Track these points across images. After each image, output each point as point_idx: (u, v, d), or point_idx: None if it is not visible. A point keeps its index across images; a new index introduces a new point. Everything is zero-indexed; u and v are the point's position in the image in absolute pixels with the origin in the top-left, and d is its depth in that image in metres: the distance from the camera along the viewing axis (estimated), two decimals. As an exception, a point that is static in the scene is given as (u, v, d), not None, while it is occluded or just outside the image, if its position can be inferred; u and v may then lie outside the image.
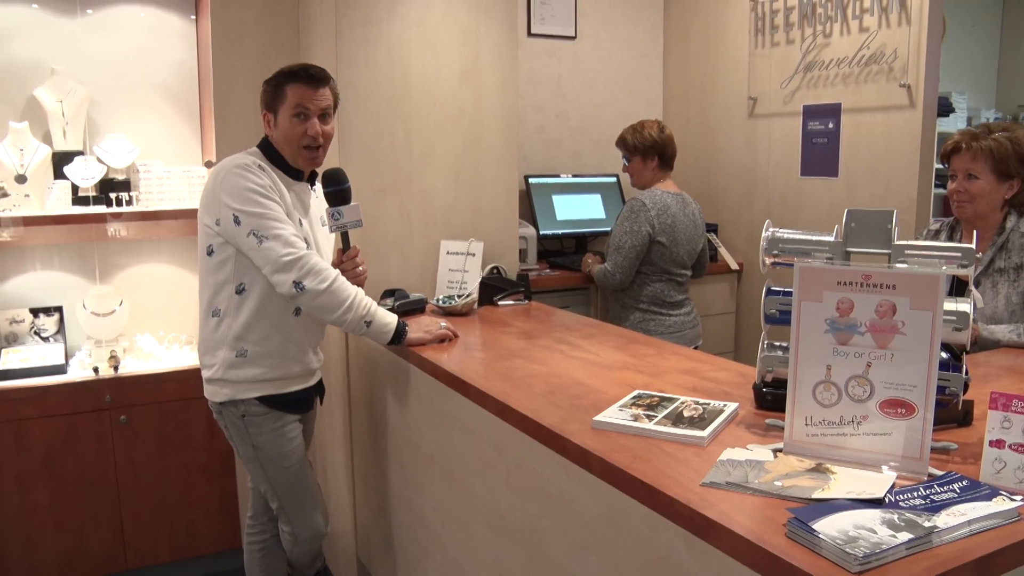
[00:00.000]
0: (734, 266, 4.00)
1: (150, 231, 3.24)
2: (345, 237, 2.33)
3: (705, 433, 1.52)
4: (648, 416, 1.63)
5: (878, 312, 1.35)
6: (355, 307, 2.15)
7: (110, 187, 3.07)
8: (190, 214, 3.16)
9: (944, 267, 1.42)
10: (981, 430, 1.53)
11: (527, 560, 1.79)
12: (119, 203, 3.04)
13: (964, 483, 1.27)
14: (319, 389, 2.43)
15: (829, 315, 1.39)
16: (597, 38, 4.26)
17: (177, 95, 3.28)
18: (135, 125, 3.21)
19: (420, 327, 2.34)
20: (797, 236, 1.56)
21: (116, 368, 3.01)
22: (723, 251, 4.03)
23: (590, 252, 3.62)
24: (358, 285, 2.26)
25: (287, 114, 2.17)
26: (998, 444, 1.29)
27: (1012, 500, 1.22)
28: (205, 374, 2.25)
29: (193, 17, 3.26)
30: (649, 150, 3.21)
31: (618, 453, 1.48)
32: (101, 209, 3.01)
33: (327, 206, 2.29)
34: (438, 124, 2.92)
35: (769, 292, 1.58)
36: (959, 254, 1.42)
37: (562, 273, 3.66)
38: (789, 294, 1.54)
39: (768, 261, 1.58)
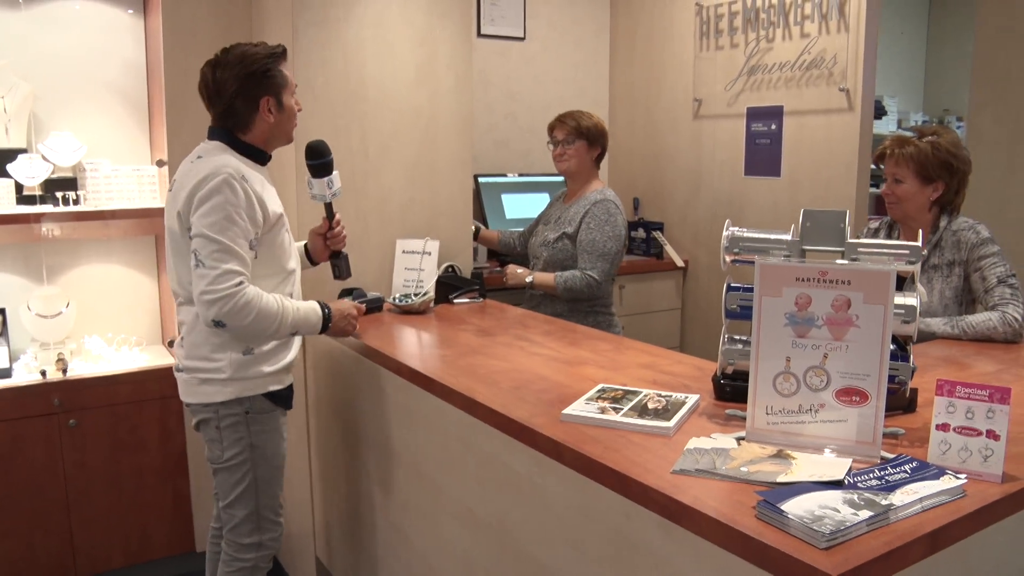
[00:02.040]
0: (680, 263, 4.11)
1: (98, 231, 3.18)
2: (329, 206, 2.41)
3: (671, 424, 1.59)
4: (614, 408, 1.69)
5: (834, 306, 1.43)
6: (279, 330, 2.13)
7: (56, 186, 3.00)
8: (140, 213, 3.12)
9: (894, 264, 1.51)
10: (925, 416, 1.64)
11: (497, 552, 1.84)
12: (66, 202, 2.97)
13: (914, 464, 1.36)
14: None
15: (788, 309, 1.47)
16: (546, 39, 4.33)
17: (124, 92, 3.22)
18: (81, 123, 3.14)
19: (342, 318, 2.34)
20: (756, 235, 1.64)
21: (65, 371, 2.95)
22: (669, 249, 4.14)
23: (512, 263, 3.32)
24: (343, 247, 2.46)
25: (289, 92, 2.19)
26: (944, 427, 1.38)
27: (957, 478, 1.31)
28: (202, 375, 2.16)
29: (131, 11, 3.19)
30: (598, 139, 3.13)
31: (589, 444, 1.53)
32: (48, 208, 2.94)
33: (311, 177, 2.34)
34: (394, 124, 2.94)
35: (730, 288, 1.66)
36: (907, 251, 1.52)
37: (513, 271, 3.71)
38: (749, 290, 1.62)
39: (728, 259, 1.66)
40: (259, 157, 2.21)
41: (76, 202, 3.01)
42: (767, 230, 1.64)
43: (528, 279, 3.12)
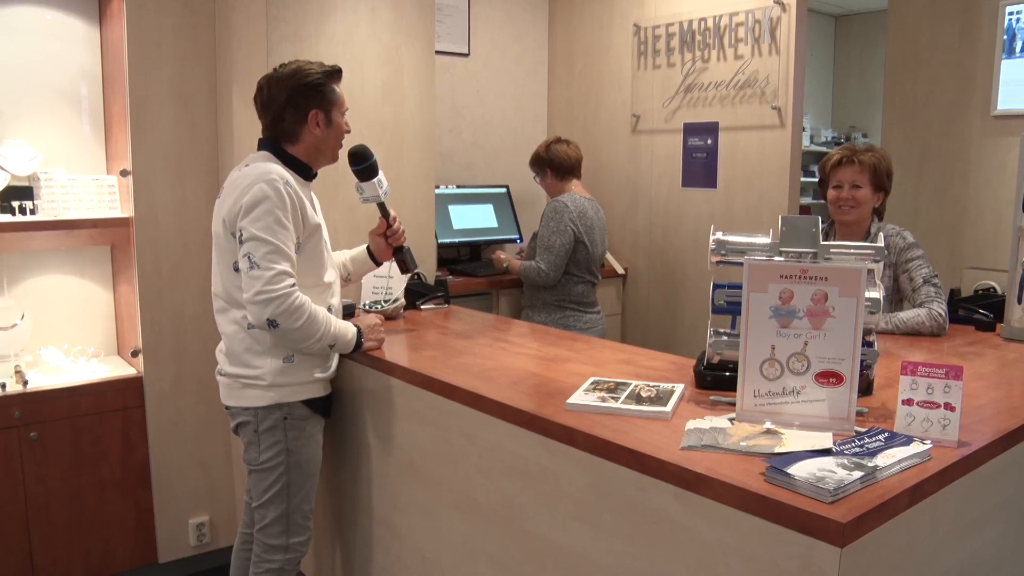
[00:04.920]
0: (620, 271, 4.33)
1: (54, 241, 3.14)
2: (383, 205, 2.53)
3: (668, 408, 1.77)
4: (613, 398, 1.85)
5: (813, 300, 1.64)
6: (324, 336, 2.22)
7: (11, 195, 2.97)
8: (97, 224, 3.10)
9: (860, 263, 1.73)
10: (881, 397, 1.88)
11: (502, 535, 1.97)
12: (22, 212, 2.94)
13: (886, 434, 1.58)
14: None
15: (773, 303, 1.67)
16: (488, 56, 4.49)
17: (80, 102, 3.20)
18: (35, 132, 3.11)
19: (371, 332, 2.42)
20: (740, 239, 1.83)
21: (25, 383, 2.92)
22: (609, 257, 4.35)
23: (499, 249, 3.91)
24: (404, 241, 2.58)
25: (339, 111, 2.29)
26: (908, 402, 1.60)
27: (923, 444, 1.53)
28: (244, 380, 2.24)
29: (86, 20, 3.19)
30: (544, 165, 3.61)
31: (598, 429, 1.69)
32: (6, 218, 2.91)
33: (359, 182, 2.45)
34: (362, 137, 3.01)
35: (716, 287, 1.85)
36: (872, 252, 1.75)
37: (465, 279, 3.84)
38: (733, 287, 1.81)
39: (714, 260, 1.85)
40: (303, 171, 2.28)
41: (32, 212, 2.98)
42: (749, 234, 1.84)
43: (505, 264, 3.73)
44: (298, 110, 2.22)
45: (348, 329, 2.33)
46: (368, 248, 2.66)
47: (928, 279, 2.60)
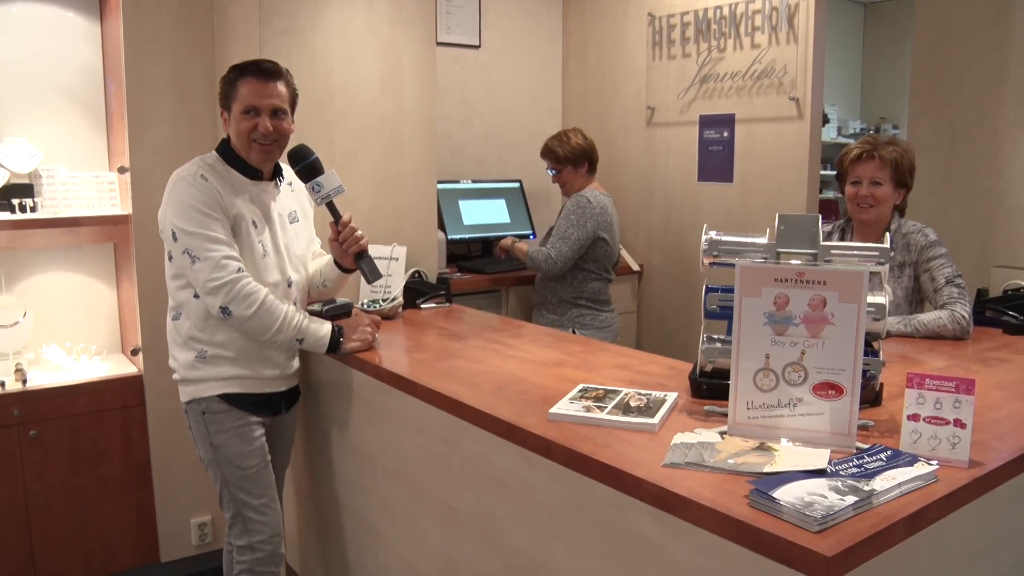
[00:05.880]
0: (635, 267, 4.21)
1: (56, 239, 3.12)
2: (332, 208, 2.31)
3: (655, 420, 1.66)
4: (599, 407, 1.75)
5: (811, 305, 1.52)
6: (284, 328, 2.18)
7: (12, 193, 2.94)
8: (99, 221, 3.08)
9: (864, 265, 1.61)
10: (891, 408, 1.75)
11: (482, 547, 1.88)
12: (23, 209, 2.91)
13: (888, 453, 1.46)
14: (288, 395, 2.42)
15: (767, 309, 1.55)
16: (500, 48, 4.39)
17: (80, 98, 3.16)
18: (36, 129, 3.08)
19: (355, 333, 2.35)
20: (734, 239, 1.72)
21: (24, 382, 2.89)
22: (624, 253, 4.23)
23: (508, 237, 3.81)
24: (361, 250, 2.32)
25: (237, 110, 2.18)
26: (914, 418, 1.48)
27: (929, 465, 1.41)
28: (174, 374, 2.29)
29: (86, 15, 3.15)
30: (579, 158, 3.43)
31: (579, 442, 1.59)
32: (5, 216, 2.88)
33: (304, 184, 2.30)
34: (360, 131, 2.96)
35: (708, 290, 1.73)
36: (876, 253, 1.62)
37: (473, 276, 3.76)
38: (727, 291, 1.70)
39: (707, 262, 1.73)
40: (242, 168, 2.24)
41: (33, 209, 2.95)
42: (744, 233, 1.72)
43: (511, 244, 3.64)
44: (220, 107, 2.26)
45: (322, 326, 2.27)
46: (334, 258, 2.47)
47: (951, 279, 2.45)
